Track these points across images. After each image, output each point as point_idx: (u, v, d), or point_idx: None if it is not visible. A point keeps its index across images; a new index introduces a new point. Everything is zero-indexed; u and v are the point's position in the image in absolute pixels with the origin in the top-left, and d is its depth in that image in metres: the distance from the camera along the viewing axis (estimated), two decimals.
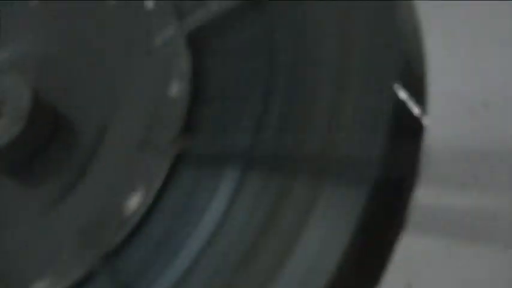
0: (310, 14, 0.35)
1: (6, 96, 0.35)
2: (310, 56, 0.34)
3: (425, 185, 0.41)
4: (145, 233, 0.33)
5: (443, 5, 1.00)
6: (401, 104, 0.32)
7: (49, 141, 0.37)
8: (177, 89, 0.35)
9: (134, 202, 0.33)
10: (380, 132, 0.31)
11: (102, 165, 0.36)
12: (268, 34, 0.36)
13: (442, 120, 0.73)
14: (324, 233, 0.30)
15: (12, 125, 0.35)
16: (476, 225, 0.98)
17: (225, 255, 0.31)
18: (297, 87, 0.34)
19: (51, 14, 0.41)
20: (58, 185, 0.36)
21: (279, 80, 0.34)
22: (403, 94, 0.31)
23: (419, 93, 0.33)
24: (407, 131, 0.32)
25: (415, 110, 0.32)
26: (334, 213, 0.30)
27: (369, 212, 0.29)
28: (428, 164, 0.42)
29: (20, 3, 0.42)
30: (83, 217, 0.35)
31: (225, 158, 0.34)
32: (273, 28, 0.36)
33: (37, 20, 0.41)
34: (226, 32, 0.37)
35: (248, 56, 0.36)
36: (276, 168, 0.32)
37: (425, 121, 0.33)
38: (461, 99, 1.01)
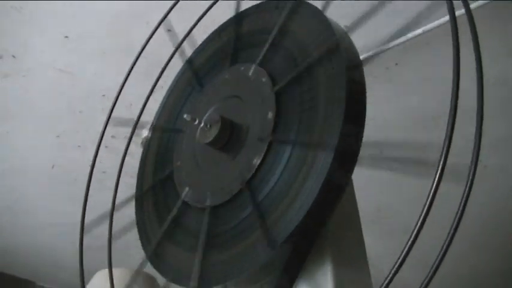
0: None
1: (212, 121, 0.65)
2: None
3: None
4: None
5: None
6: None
7: (231, 137, 0.64)
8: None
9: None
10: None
11: (247, 150, 0.62)
12: None
13: None
14: None
15: (213, 132, 0.64)
16: None
17: None
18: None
19: (215, 94, 0.72)
20: (231, 155, 0.64)
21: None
22: None
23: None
24: None
25: None
26: None
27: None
28: None
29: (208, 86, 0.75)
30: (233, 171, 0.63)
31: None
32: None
33: (213, 92, 0.73)
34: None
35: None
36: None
37: None
38: None
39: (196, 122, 0.68)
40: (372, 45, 1.38)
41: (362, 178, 0.65)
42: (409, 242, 0.44)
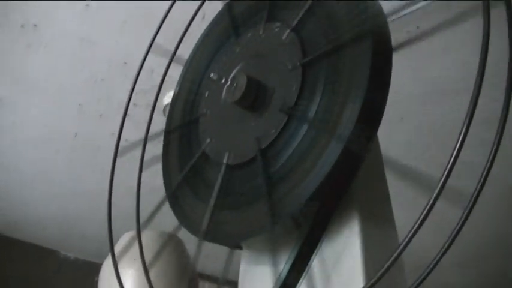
0: None
1: (239, 80, 0.66)
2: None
3: None
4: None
5: None
6: None
7: (257, 95, 0.65)
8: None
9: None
10: None
11: (272, 109, 0.64)
12: None
13: None
14: None
15: (239, 91, 0.65)
16: None
17: None
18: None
19: (245, 49, 0.73)
20: (257, 115, 0.65)
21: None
22: None
23: None
24: None
25: None
26: None
27: None
28: None
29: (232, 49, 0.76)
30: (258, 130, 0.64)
31: None
32: None
33: (240, 53, 0.74)
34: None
35: None
36: None
37: None
38: None
39: (223, 80, 0.69)
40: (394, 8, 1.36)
41: None
42: (430, 204, 0.45)
